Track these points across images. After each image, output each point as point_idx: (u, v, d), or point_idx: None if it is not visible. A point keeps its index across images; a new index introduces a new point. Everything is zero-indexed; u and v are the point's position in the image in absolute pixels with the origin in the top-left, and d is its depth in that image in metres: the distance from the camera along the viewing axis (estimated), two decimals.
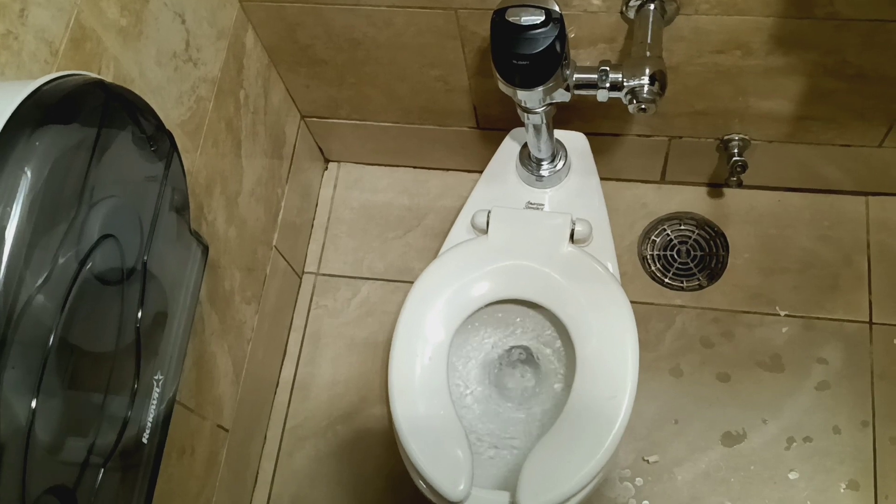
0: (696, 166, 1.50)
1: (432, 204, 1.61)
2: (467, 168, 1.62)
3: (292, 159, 1.50)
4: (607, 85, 1.08)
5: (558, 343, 1.25)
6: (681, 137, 1.41)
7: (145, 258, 0.77)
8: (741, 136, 1.38)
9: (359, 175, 1.65)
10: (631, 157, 1.49)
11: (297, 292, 1.56)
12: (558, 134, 1.29)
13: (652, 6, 1.10)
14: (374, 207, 1.62)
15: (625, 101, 1.07)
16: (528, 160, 1.28)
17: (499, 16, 1.01)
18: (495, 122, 1.45)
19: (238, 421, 1.34)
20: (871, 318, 1.41)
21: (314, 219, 1.62)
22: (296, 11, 1.23)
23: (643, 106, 1.06)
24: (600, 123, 1.40)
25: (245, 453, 1.40)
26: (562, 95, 1.10)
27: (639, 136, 1.43)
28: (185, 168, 1.06)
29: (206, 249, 0.90)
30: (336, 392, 1.49)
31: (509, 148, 1.32)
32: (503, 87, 1.08)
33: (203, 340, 1.19)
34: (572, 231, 1.19)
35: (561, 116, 1.27)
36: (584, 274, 1.17)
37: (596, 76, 1.08)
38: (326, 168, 1.67)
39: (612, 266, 1.23)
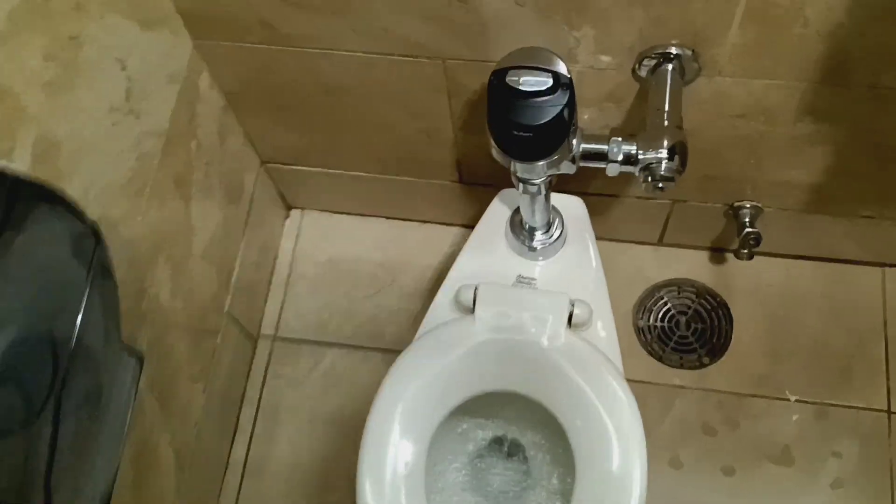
0: (698, 229, 1.36)
1: (408, 260, 1.45)
2: (448, 221, 1.46)
3: (250, 209, 1.33)
4: (619, 158, 0.93)
5: (550, 438, 1.10)
6: (686, 201, 1.27)
7: (59, 395, 0.60)
8: (753, 203, 1.24)
9: (326, 224, 1.49)
10: (629, 218, 1.35)
11: (252, 359, 1.39)
12: (552, 198, 1.15)
13: (670, 66, 0.96)
14: (343, 261, 1.46)
15: (639, 177, 0.93)
16: (519, 228, 1.13)
17: (498, 78, 0.86)
18: (481, 178, 1.30)
19: None
20: (889, 407, 1.28)
21: (272, 274, 1.46)
22: (259, 53, 1.07)
23: (660, 185, 0.92)
24: (597, 184, 1.25)
25: None
26: (566, 167, 0.95)
27: (639, 198, 1.28)
28: (126, 237, 0.90)
29: (140, 360, 0.74)
30: (295, 476, 1.32)
31: (498, 212, 1.17)
32: (498, 156, 0.92)
33: (142, 433, 1.02)
34: (570, 314, 1.05)
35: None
36: (585, 369, 1.01)
37: (606, 147, 0.93)
38: (288, 216, 1.50)
39: (614, 354, 1.09)
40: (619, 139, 0.93)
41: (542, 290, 1.09)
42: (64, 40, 0.80)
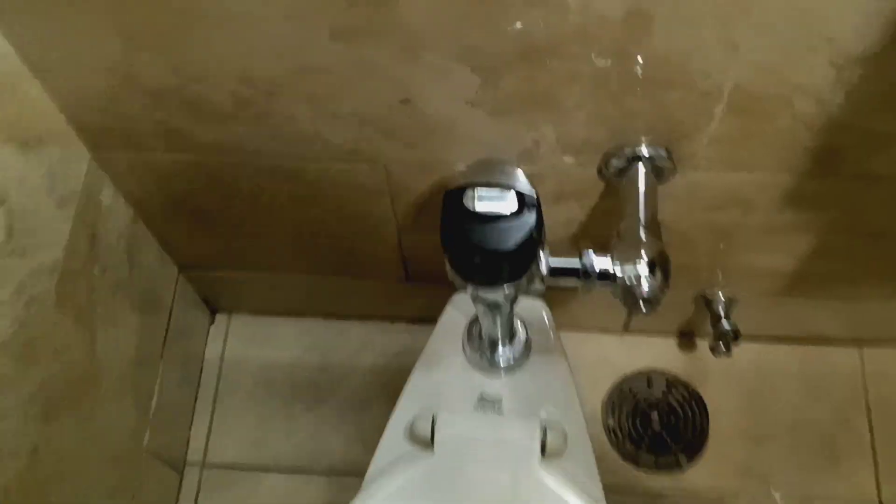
0: (666, 315, 1.25)
1: (351, 362, 1.31)
2: (393, 316, 1.33)
3: (169, 324, 1.17)
4: (593, 274, 0.81)
5: None
6: None
7: None
8: (727, 293, 1.14)
9: (256, 328, 1.34)
10: (591, 306, 1.24)
11: (178, 494, 1.22)
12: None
13: (641, 167, 0.85)
14: (277, 369, 1.31)
15: (618, 298, 0.81)
16: (478, 341, 1.00)
17: (453, 198, 0.74)
18: (430, 276, 1.17)
19: None
20: (879, 495, 1.19)
21: (198, 390, 1.29)
22: (167, 162, 0.93)
23: (640, 305, 0.80)
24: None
25: None
26: (533, 289, 0.83)
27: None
28: (11, 403, 0.75)
29: None
30: None
31: (453, 321, 1.04)
32: (455, 280, 0.80)
33: None
34: (543, 443, 0.92)
35: None
36: None
37: (578, 264, 0.81)
38: (213, 321, 1.35)
39: (591, 477, 0.96)
40: (592, 253, 0.81)
41: (509, 415, 0.96)
42: None
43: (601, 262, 0.81)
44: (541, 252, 0.79)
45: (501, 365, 1.00)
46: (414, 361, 1.04)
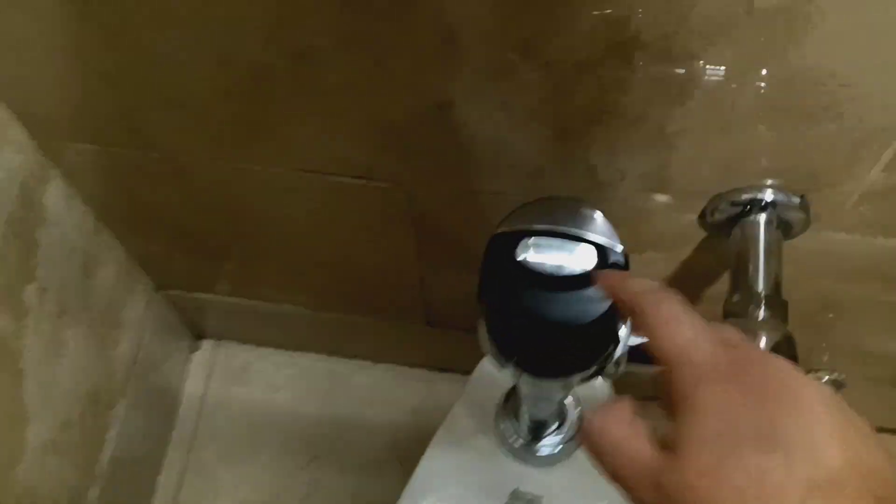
0: None
1: (355, 415, 1.08)
2: (408, 362, 1.10)
3: (137, 356, 0.96)
4: None
5: None
6: None
7: None
8: (833, 376, 0.90)
9: (247, 361, 1.12)
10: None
11: None
12: None
13: (763, 218, 0.61)
14: (267, 415, 1.09)
15: None
16: (516, 420, 0.77)
17: (504, 247, 0.51)
18: (455, 320, 0.94)
19: None
20: None
21: (172, 433, 1.07)
22: (128, 163, 0.71)
23: None
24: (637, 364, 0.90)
25: None
26: (606, 376, 0.60)
27: None
28: None
29: None
30: None
31: (484, 387, 0.81)
32: (495, 357, 0.57)
33: None
34: None
35: None
36: None
37: None
38: (197, 348, 1.13)
39: None
40: None
41: None
42: None
43: None
44: (622, 326, 0.56)
45: (544, 454, 0.77)
46: (433, 423, 0.81)
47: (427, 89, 0.55)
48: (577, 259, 0.50)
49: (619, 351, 0.55)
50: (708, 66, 0.49)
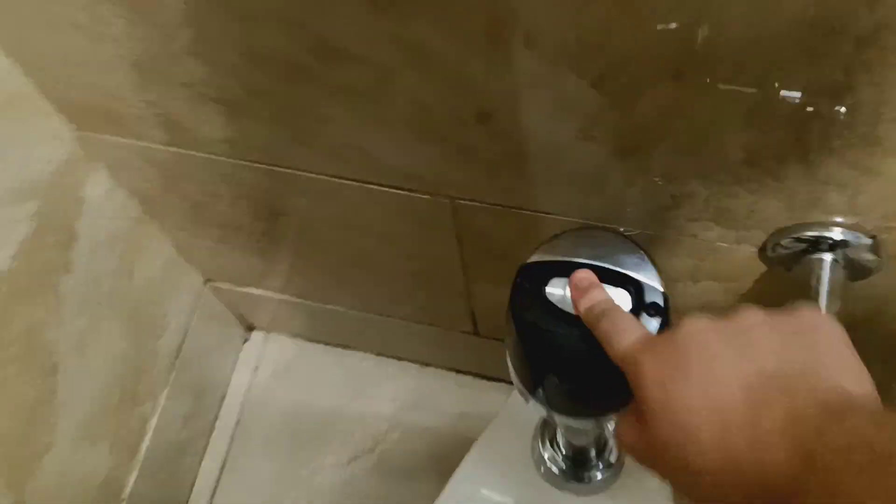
0: None
1: (398, 416, 1.06)
2: (454, 367, 1.07)
3: (181, 347, 0.95)
4: None
5: None
6: None
7: None
8: None
9: (295, 355, 1.11)
10: None
11: None
12: None
13: (828, 258, 0.56)
14: (310, 410, 1.07)
15: None
16: (555, 444, 0.74)
17: (531, 283, 0.47)
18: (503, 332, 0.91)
19: None
20: None
21: (216, 423, 1.07)
22: (170, 159, 0.70)
23: None
24: None
25: None
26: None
27: None
28: None
29: None
30: None
31: (520, 411, 0.77)
32: (523, 394, 0.54)
33: None
34: None
35: None
36: None
37: None
38: (248, 338, 1.12)
39: None
40: None
41: None
42: None
43: None
44: None
45: (584, 482, 0.73)
46: (476, 431, 0.78)
47: (473, 97, 0.52)
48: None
49: None
50: (783, 91, 0.44)
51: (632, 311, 0.46)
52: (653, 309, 0.46)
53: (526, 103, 0.51)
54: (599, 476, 0.73)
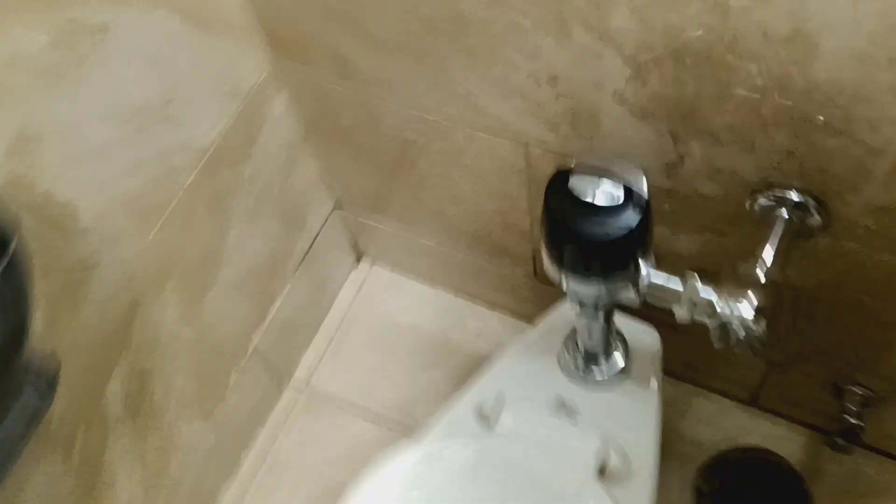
0: (797, 401, 1.15)
1: (466, 345, 1.31)
2: (516, 313, 1.32)
3: (310, 250, 1.23)
4: (694, 303, 0.76)
5: None
6: (786, 370, 1.07)
7: None
8: (864, 389, 1.03)
9: (392, 284, 1.38)
10: (717, 363, 1.16)
11: (273, 405, 1.28)
12: (625, 323, 0.99)
13: (785, 213, 0.78)
14: (400, 327, 1.33)
15: (712, 333, 0.75)
16: (575, 348, 0.97)
17: (559, 180, 0.72)
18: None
19: None
20: None
21: (323, 320, 1.35)
22: (335, 92, 0.98)
23: (735, 349, 0.74)
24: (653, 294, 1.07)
25: None
26: (628, 298, 0.79)
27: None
28: (125, 255, 0.82)
29: (48, 392, 0.63)
30: None
31: (560, 320, 1.01)
32: (548, 267, 0.78)
33: (98, 470, 0.93)
34: (603, 462, 0.88)
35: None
36: None
37: (681, 289, 0.76)
38: (356, 266, 1.40)
39: None
40: (697, 282, 0.76)
41: (575, 426, 0.93)
42: (83, 24, 0.72)
43: (706, 292, 0.75)
44: (641, 260, 0.75)
45: (592, 379, 0.96)
46: None
47: (546, 65, 0.77)
48: (609, 195, 0.70)
49: (641, 275, 0.75)
50: (750, 73, 0.68)
51: (621, 204, 0.70)
52: (639, 205, 0.69)
53: (580, 70, 0.76)
54: (603, 378, 0.96)
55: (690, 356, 1.16)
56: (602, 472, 0.89)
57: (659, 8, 0.66)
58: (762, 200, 0.79)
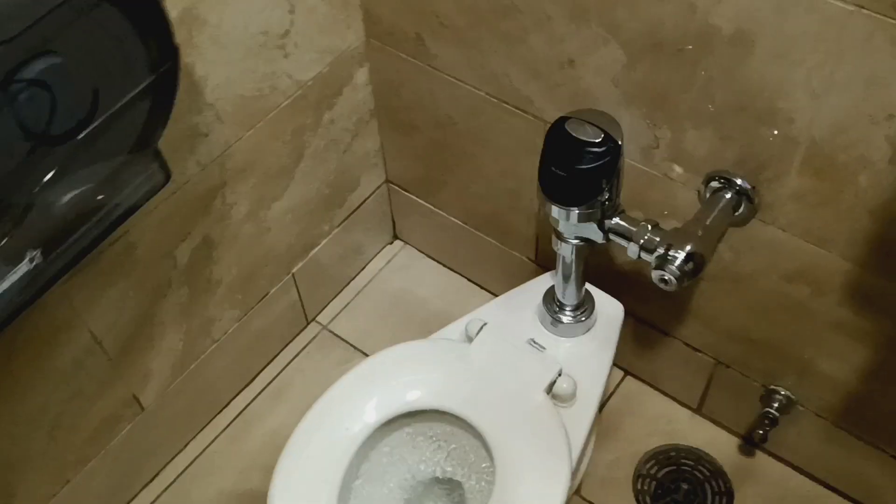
0: (735, 408, 1.34)
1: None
2: None
3: (356, 210, 1.48)
4: (641, 241, 0.99)
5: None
6: (728, 367, 1.27)
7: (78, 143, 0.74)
8: (788, 393, 1.22)
9: (415, 262, 1.62)
10: (672, 364, 1.36)
11: (297, 334, 1.52)
12: (597, 294, 1.21)
13: (729, 195, 1.02)
14: (410, 298, 1.57)
15: (651, 263, 0.98)
16: (551, 301, 1.19)
17: (559, 122, 0.97)
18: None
19: (161, 409, 1.28)
20: None
21: (354, 279, 1.59)
22: (409, 67, 1.24)
23: (665, 276, 0.96)
24: (651, 309, 1.29)
25: (151, 444, 1.32)
26: (595, 233, 1.02)
27: (686, 344, 1.30)
28: (225, 137, 1.07)
29: (166, 177, 0.88)
30: (276, 444, 1.40)
31: (543, 283, 1.24)
32: (540, 196, 1.02)
33: (157, 304, 1.16)
34: (553, 382, 1.09)
35: (612, 286, 1.21)
36: (541, 431, 1.05)
37: (635, 229, 1.00)
38: (391, 243, 1.65)
39: (576, 442, 1.09)
40: (649, 226, 0.99)
41: (538, 352, 1.14)
42: None
43: (654, 235, 0.98)
44: (610, 203, 0.99)
45: (561, 322, 1.18)
46: None
47: (563, 49, 1.04)
48: (592, 134, 0.95)
49: (607, 210, 0.99)
50: (706, 67, 0.93)
51: (599, 142, 0.94)
52: (613, 145, 0.94)
53: (591, 56, 1.02)
54: (572, 324, 1.17)
55: (649, 357, 1.37)
56: (549, 391, 1.10)
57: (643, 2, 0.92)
58: (713, 184, 1.03)
